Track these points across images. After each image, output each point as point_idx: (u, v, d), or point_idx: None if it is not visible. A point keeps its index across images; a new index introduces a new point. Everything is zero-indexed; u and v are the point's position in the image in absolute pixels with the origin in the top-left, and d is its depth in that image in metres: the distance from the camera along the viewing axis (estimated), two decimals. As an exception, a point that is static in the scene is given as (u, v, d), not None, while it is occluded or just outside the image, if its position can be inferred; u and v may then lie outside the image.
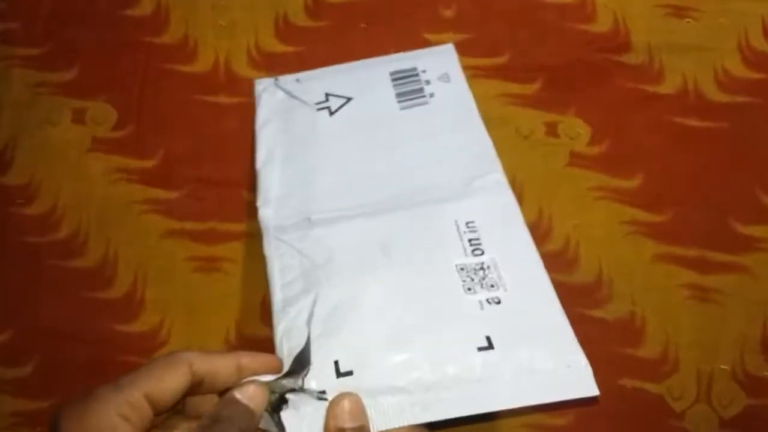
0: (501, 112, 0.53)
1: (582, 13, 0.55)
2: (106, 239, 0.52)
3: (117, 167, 0.53)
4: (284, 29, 0.56)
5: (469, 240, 0.42)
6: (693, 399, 0.49)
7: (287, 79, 0.52)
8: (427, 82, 0.50)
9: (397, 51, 0.55)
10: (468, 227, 0.42)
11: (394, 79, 0.50)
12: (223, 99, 0.54)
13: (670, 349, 0.49)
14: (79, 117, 0.54)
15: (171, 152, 0.54)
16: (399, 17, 0.55)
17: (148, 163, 0.53)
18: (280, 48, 0.55)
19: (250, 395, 0.34)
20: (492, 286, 0.40)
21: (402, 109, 0.49)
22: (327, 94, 0.50)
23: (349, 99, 0.50)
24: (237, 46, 0.55)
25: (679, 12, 0.55)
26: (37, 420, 0.49)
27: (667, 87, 0.54)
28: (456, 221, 0.43)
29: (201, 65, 0.55)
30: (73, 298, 0.51)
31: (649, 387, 0.48)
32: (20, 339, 0.51)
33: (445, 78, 0.51)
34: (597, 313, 0.50)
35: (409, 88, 0.50)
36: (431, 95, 0.50)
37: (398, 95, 0.50)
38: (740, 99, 0.53)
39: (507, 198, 0.45)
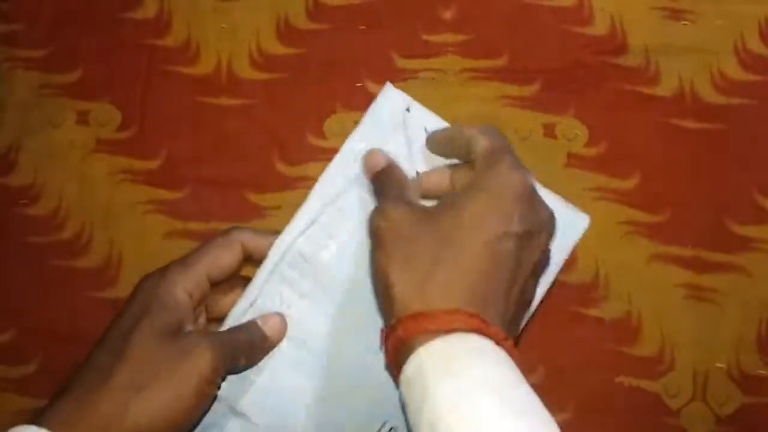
0: (499, 114, 0.54)
1: (579, 16, 0.56)
2: (110, 239, 0.52)
3: (121, 168, 0.54)
4: (285, 31, 0.56)
5: None
6: (689, 397, 0.49)
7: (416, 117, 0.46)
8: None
9: (397, 51, 0.55)
10: None
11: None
12: (224, 100, 0.55)
13: (666, 347, 0.50)
14: (83, 118, 0.55)
15: (174, 153, 0.54)
16: (398, 19, 0.56)
17: (152, 164, 0.54)
18: (281, 50, 0.56)
19: (273, 321, 0.41)
20: None
21: None
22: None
23: None
24: (238, 48, 0.56)
25: (676, 15, 0.55)
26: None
27: (664, 89, 0.54)
28: None
29: (203, 67, 0.56)
30: (77, 297, 0.51)
31: (646, 385, 0.49)
32: (24, 338, 0.51)
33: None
34: (594, 312, 0.50)
35: None
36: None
37: None
38: (736, 101, 0.54)
39: None
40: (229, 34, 0.56)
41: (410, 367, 0.34)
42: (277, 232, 0.42)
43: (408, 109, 0.45)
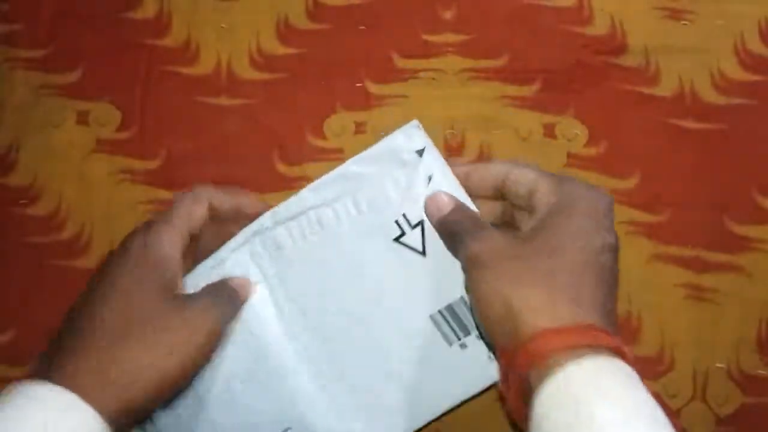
0: (499, 114, 0.54)
1: (579, 16, 0.56)
2: (110, 240, 0.52)
3: (121, 168, 0.54)
4: (285, 31, 0.56)
5: None
6: (689, 397, 0.49)
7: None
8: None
9: (397, 51, 0.55)
10: None
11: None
12: (224, 101, 0.55)
13: (666, 347, 0.50)
14: (83, 118, 0.55)
15: (174, 153, 0.54)
16: (398, 19, 0.56)
17: (152, 164, 0.54)
18: (281, 50, 0.56)
19: (237, 283, 0.43)
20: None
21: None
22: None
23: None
24: (238, 48, 0.56)
25: (676, 14, 0.55)
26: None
27: (664, 89, 0.54)
28: None
29: (203, 67, 0.56)
30: (77, 297, 0.51)
31: (645, 385, 0.49)
32: (23, 339, 0.51)
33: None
34: (594, 313, 0.50)
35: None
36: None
37: None
38: (736, 101, 0.54)
39: None
40: (229, 34, 0.56)
41: (553, 385, 0.32)
42: (247, 196, 0.46)
43: (421, 153, 0.44)
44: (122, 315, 0.38)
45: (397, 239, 0.43)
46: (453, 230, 0.40)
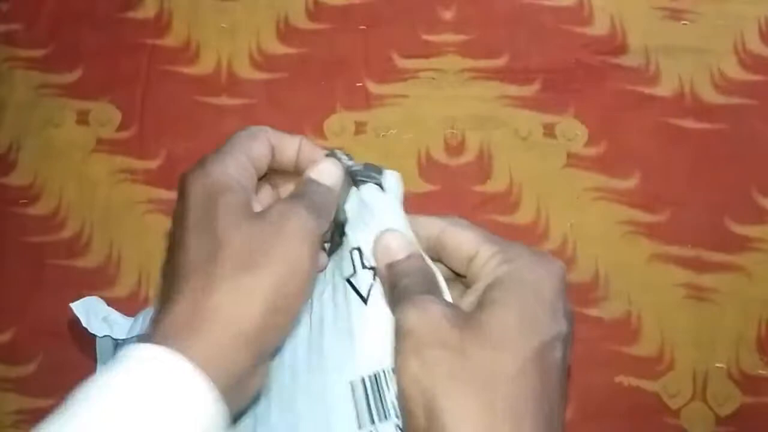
0: (499, 114, 0.54)
1: (579, 16, 0.56)
2: (110, 239, 0.52)
3: (121, 168, 0.54)
4: (285, 31, 0.56)
5: None
6: (689, 397, 0.49)
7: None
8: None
9: (397, 51, 0.55)
10: None
11: None
12: (224, 100, 0.55)
13: (666, 347, 0.50)
14: (83, 118, 0.55)
15: (174, 153, 0.54)
16: (398, 19, 0.56)
17: (152, 164, 0.54)
18: (281, 50, 0.56)
19: (326, 172, 0.36)
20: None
21: None
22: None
23: None
24: (238, 48, 0.56)
25: (676, 15, 0.55)
26: (41, 418, 0.49)
27: (664, 89, 0.54)
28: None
29: (203, 67, 0.56)
30: (77, 297, 0.51)
31: (645, 385, 0.49)
32: (23, 338, 0.51)
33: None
34: (594, 312, 0.50)
35: None
36: None
37: None
38: (736, 101, 0.54)
39: None
40: (229, 34, 0.56)
41: None
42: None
43: (382, 186, 0.37)
44: (209, 247, 0.31)
45: (348, 278, 0.35)
46: (397, 283, 0.33)
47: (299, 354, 0.36)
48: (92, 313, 0.37)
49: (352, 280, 0.35)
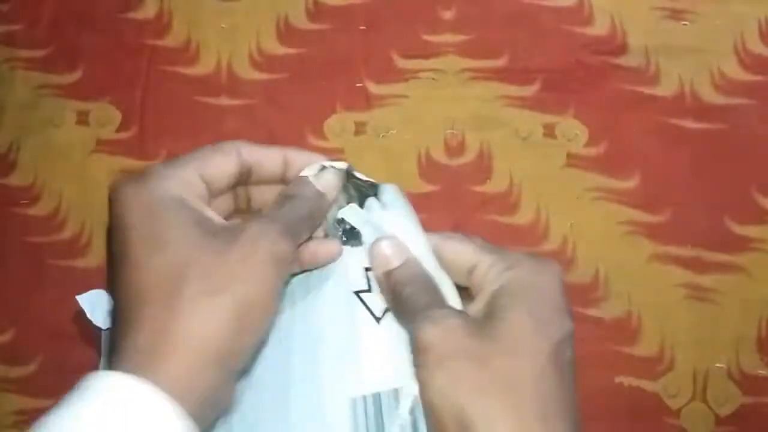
0: (499, 114, 0.54)
1: (579, 16, 0.56)
2: (110, 239, 0.52)
3: (121, 168, 0.54)
4: (285, 31, 0.56)
5: None
6: (689, 397, 0.49)
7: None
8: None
9: (397, 51, 0.55)
10: None
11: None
12: (224, 100, 0.55)
13: (666, 347, 0.50)
14: (83, 118, 0.55)
15: (174, 154, 0.54)
16: (398, 19, 0.56)
17: (152, 165, 0.54)
18: (281, 50, 0.56)
19: (324, 178, 0.35)
20: None
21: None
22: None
23: None
24: (239, 48, 0.56)
25: (676, 14, 0.55)
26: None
27: (664, 89, 0.54)
28: None
29: (203, 67, 0.56)
30: (77, 297, 0.51)
31: (646, 385, 0.49)
32: (24, 338, 0.51)
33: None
34: (594, 312, 0.50)
35: None
36: None
37: None
38: (736, 101, 0.54)
39: None
40: (229, 34, 0.56)
41: None
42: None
43: (378, 197, 0.36)
44: (170, 267, 0.30)
45: (358, 293, 0.35)
46: (400, 291, 0.33)
47: (293, 359, 0.35)
48: (98, 305, 0.37)
49: (363, 296, 0.35)
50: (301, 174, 0.35)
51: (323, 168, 0.36)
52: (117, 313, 0.31)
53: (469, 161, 0.53)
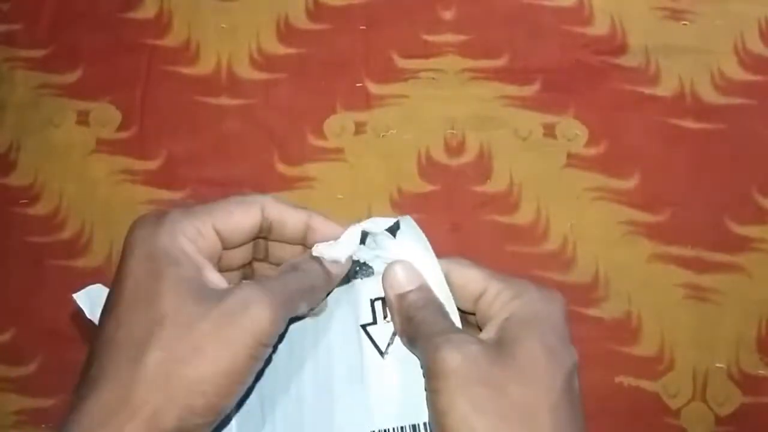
0: (499, 114, 0.54)
1: (580, 16, 0.56)
2: (110, 239, 0.52)
3: (121, 168, 0.54)
4: (285, 31, 0.56)
5: None
6: (689, 397, 0.49)
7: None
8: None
9: (397, 51, 0.55)
10: None
11: None
12: (224, 101, 0.55)
13: (666, 347, 0.50)
14: (83, 118, 0.55)
15: (174, 153, 0.54)
16: (398, 19, 0.56)
17: (152, 164, 0.54)
18: (281, 50, 0.56)
19: (335, 256, 0.34)
20: None
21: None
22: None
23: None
24: (238, 48, 0.56)
25: (676, 15, 0.55)
26: (41, 418, 0.49)
27: (664, 89, 0.54)
28: None
29: (203, 67, 0.56)
30: (77, 297, 0.51)
31: (645, 385, 0.49)
32: (24, 338, 0.51)
33: None
34: (593, 312, 0.50)
35: None
36: None
37: None
38: (736, 101, 0.54)
39: None
40: (229, 34, 0.56)
41: None
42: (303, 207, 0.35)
43: (394, 233, 0.35)
44: (145, 327, 0.30)
45: (365, 326, 0.35)
46: (413, 315, 0.33)
47: (305, 388, 0.35)
48: (96, 302, 0.36)
49: (369, 330, 0.35)
50: (315, 249, 0.35)
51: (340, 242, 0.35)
52: (86, 361, 0.31)
53: (469, 161, 0.53)
